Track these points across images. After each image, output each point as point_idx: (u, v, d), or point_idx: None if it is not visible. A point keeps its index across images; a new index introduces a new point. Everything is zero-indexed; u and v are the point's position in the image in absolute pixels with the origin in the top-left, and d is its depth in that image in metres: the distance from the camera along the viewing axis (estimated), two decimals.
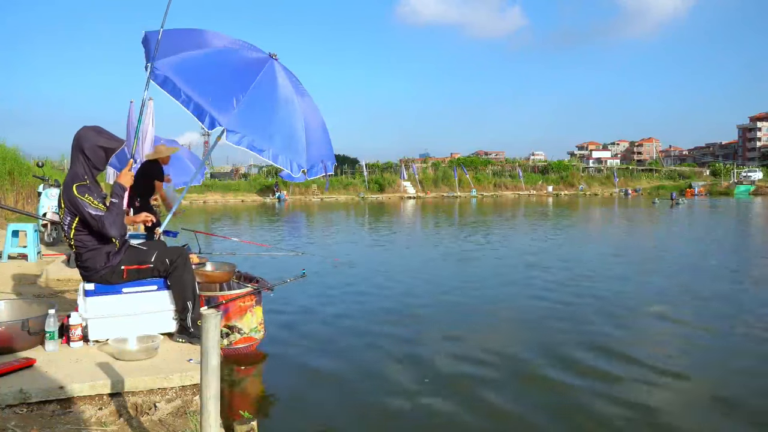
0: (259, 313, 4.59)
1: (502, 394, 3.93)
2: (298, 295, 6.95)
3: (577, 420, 3.53)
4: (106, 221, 3.15)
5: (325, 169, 4.31)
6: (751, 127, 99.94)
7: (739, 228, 18.43)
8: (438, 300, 6.96)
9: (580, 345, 4.98)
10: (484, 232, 16.72)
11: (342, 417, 3.64)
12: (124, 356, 3.12)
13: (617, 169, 65.68)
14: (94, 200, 3.17)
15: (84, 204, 3.14)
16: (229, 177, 64.30)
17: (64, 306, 4.27)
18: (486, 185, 55.23)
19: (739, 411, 3.65)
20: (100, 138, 3.25)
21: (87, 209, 3.14)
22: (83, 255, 3.32)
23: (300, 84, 4.55)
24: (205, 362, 2.09)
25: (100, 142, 3.24)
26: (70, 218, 3.24)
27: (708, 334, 5.37)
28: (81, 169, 3.24)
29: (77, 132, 3.29)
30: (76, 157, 3.26)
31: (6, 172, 13.38)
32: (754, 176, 54.14)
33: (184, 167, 9.68)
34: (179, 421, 2.64)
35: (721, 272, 8.95)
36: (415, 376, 4.27)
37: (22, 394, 2.62)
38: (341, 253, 11.61)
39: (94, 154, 3.25)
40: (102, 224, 3.16)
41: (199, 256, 5.36)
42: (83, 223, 3.23)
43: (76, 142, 3.26)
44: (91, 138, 3.24)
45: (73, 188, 3.16)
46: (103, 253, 3.33)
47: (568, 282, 7.97)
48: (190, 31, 4.23)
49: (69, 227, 3.26)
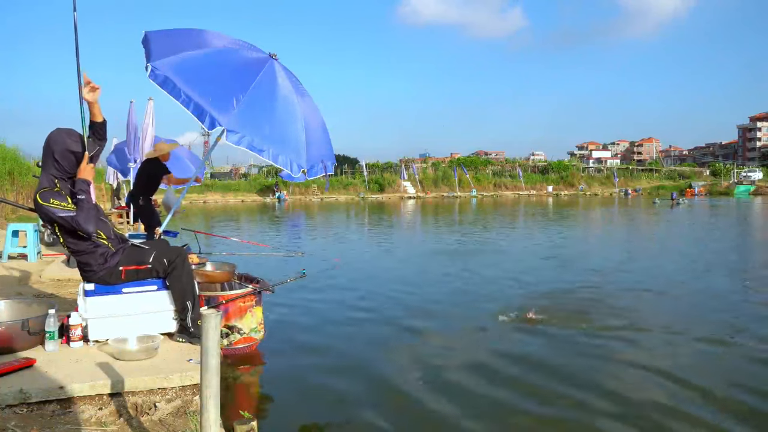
0: (259, 313, 4.59)
1: (501, 393, 3.93)
2: (299, 295, 6.94)
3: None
4: (79, 219, 3.09)
5: (325, 169, 4.31)
6: (751, 127, 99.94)
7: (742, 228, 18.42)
8: (439, 301, 6.96)
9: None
10: (484, 231, 16.73)
11: (342, 417, 3.64)
12: (124, 356, 3.12)
13: (617, 169, 65.70)
14: (60, 202, 3.08)
15: (51, 210, 3.06)
16: (229, 177, 64.35)
17: (64, 306, 4.27)
18: (486, 185, 55.24)
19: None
20: (71, 142, 3.15)
21: (57, 214, 3.07)
22: (79, 258, 3.33)
23: (300, 84, 4.55)
24: (205, 362, 2.09)
25: (71, 146, 3.14)
26: (51, 227, 3.23)
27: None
28: (49, 176, 3.14)
29: (49, 135, 3.17)
30: (48, 162, 3.14)
31: (6, 172, 13.40)
32: (754, 176, 54.14)
33: (184, 167, 9.70)
34: (179, 421, 2.64)
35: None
36: (415, 377, 4.27)
37: (22, 394, 2.62)
38: (341, 254, 11.61)
39: (65, 158, 3.15)
40: (76, 223, 3.09)
41: (199, 256, 5.36)
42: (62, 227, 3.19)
43: (47, 146, 3.14)
44: (61, 142, 3.14)
45: (37, 198, 3.09)
46: (97, 255, 3.33)
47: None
48: (190, 31, 4.23)
49: (57, 235, 3.26)
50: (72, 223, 3.10)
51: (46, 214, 3.10)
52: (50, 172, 3.15)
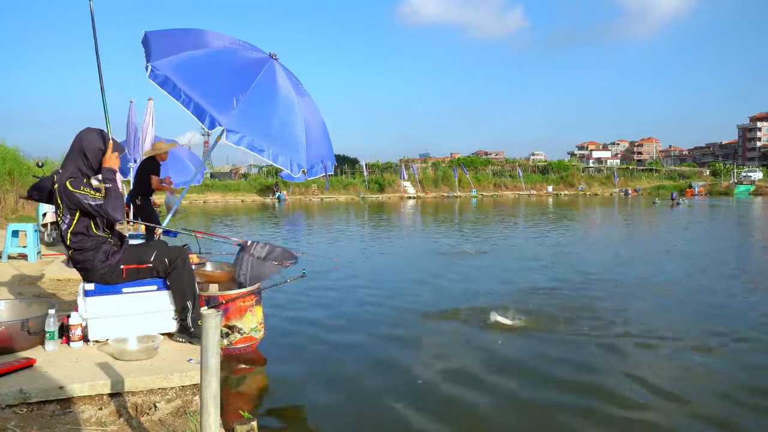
0: (259, 312, 4.59)
1: (503, 395, 3.93)
2: (299, 295, 6.94)
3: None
4: (107, 207, 3.19)
5: (325, 169, 4.32)
6: (751, 127, 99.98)
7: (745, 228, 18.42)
8: (440, 301, 6.95)
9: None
10: (484, 231, 16.73)
11: (342, 417, 3.64)
12: (124, 356, 3.12)
13: (617, 169, 65.69)
14: (90, 190, 3.18)
15: (82, 196, 3.16)
16: (229, 177, 64.31)
17: (64, 306, 4.27)
18: (486, 185, 55.22)
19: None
20: (101, 141, 3.33)
21: (86, 201, 3.17)
22: (82, 254, 3.32)
23: (300, 84, 4.55)
24: (205, 362, 2.09)
25: (102, 146, 3.32)
26: (69, 217, 3.25)
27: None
28: (75, 168, 3.26)
29: (80, 133, 3.32)
30: (77, 157, 3.28)
31: (6, 172, 13.39)
32: (754, 176, 54.11)
33: (184, 167, 9.69)
34: (179, 421, 2.64)
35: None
36: (416, 376, 4.27)
37: (22, 394, 2.62)
38: (341, 253, 11.61)
39: (96, 157, 3.31)
40: (105, 211, 3.19)
41: (199, 256, 5.36)
42: (82, 220, 3.24)
43: (79, 143, 3.29)
44: (94, 140, 3.31)
45: (67, 184, 3.17)
46: (101, 252, 3.34)
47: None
48: (190, 31, 4.24)
49: (68, 226, 3.25)
50: (100, 211, 3.20)
51: (74, 201, 3.17)
52: (77, 165, 3.28)
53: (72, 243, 3.29)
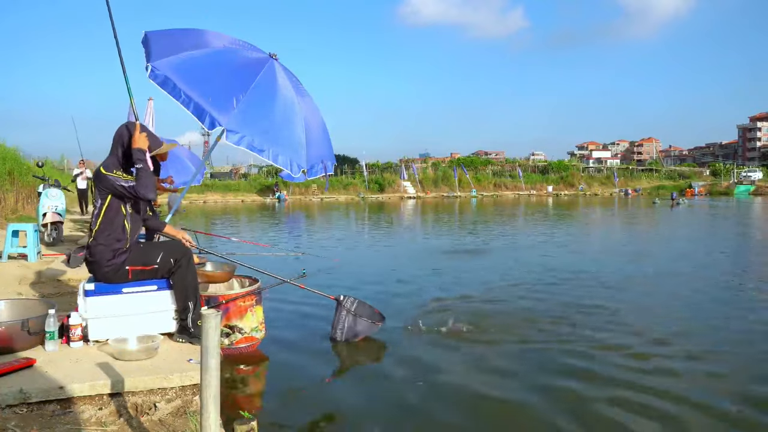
0: (260, 312, 4.59)
1: (507, 392, 3.93)
2: (299, 295, 6.93)
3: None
4: (139, 188, 3.27)
5: (325, 169, 4.32)
6: (751, 127, 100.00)
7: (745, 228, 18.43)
8: (440, 301, 6.95)
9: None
10: (484, 231, 16.73)
11: (342, 417, 3.64)
12: (124, 356, 3.12)
13: (617, 169, 65.71)
14: (122, 174, 3.31)
15: (114, 179, 3.27)
16: (229, 177, 64.30)
17: (64, 306, 4.27)
18: (486, 185, 55.23)
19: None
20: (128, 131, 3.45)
21: (118, 182, 3.27)
22: (96, 244, 3.36)
23: (300, 84, 4.55)
24: (205, 362, 2.09)
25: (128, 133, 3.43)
26: (101, 201, 3.36)
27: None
28: (114, 159, 3.39)
29: (123, 126, 3.45)
30: (113, 151, 3.42)
31: (6, 172, 13.36)
32: (754, 176, 54.14)
33: (184, 167, 9.67)
34: (179, 421, 2.64)
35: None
36: (415, 377, 4.27)
37: (22, 394, 2.62)
38: (341, 253, 11.61)
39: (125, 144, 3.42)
40: (136, 192, 3.27)
41: (199, 256, 5.36)
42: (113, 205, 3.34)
43: (120, 137, 3.42)
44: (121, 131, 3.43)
45: (100, 169, 3.32)
46: (110, 249, 3.36)
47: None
48: (190, 31, 4.24)
49: (99, 210, 3.35)
50: (132, 192, 3.29)
51: (107, 183, 3.29)
52: (114, 156, 3.41)
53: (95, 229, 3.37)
